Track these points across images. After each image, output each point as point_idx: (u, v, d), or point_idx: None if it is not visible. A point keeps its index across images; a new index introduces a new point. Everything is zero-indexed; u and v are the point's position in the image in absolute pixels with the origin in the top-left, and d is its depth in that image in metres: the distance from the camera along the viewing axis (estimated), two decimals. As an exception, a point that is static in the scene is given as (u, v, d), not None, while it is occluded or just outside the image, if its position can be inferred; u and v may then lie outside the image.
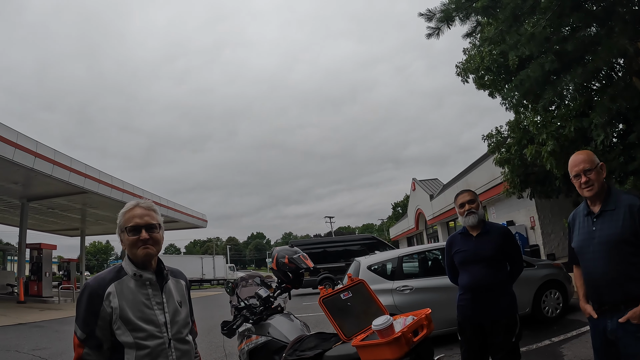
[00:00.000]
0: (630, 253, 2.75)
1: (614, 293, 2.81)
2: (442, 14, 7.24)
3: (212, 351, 8.97)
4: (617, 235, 2.79)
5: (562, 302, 8.39)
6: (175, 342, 2.36)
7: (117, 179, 22.79)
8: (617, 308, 2.78)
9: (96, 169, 21.06)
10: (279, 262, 4.06)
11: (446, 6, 7.25)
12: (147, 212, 2.41)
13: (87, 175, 20.19)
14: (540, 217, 17.87)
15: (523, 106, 11.88)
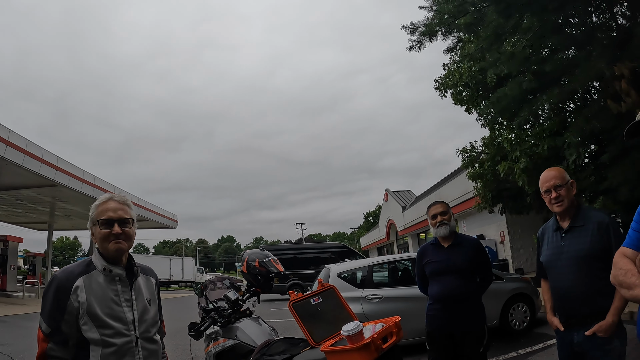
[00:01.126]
0: (598, 268, 2.80)
1: (581, 307, 2.87)
2: (425, 28, 7.31)
3: (178, 353, 8.83)
4: (586, 251, 2.85)
5: (529, 316, 8.53)
6: (143, 341, 2.30)
7: (88, 174, 22.38)
8: (584, 321, 2.84)
9: (68, 162, 20.61)
10: (250, 265, 3.99)
11: (429, 21, 7.33)
12: (121, 206, 2.35)
13: (58, 168, 19.72)
14: (510, 232, 18.16)
15: (498, 123, 12.10)
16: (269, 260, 4.02)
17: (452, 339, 3.81)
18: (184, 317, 4.33)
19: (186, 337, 3.80)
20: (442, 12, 7.12)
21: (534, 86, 7.38)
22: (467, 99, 13.10)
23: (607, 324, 2.74)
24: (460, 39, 8.60)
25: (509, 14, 6.67)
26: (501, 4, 6.33)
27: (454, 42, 8.30)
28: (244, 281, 4.24)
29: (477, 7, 6.90)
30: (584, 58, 6.71)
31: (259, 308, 4.46)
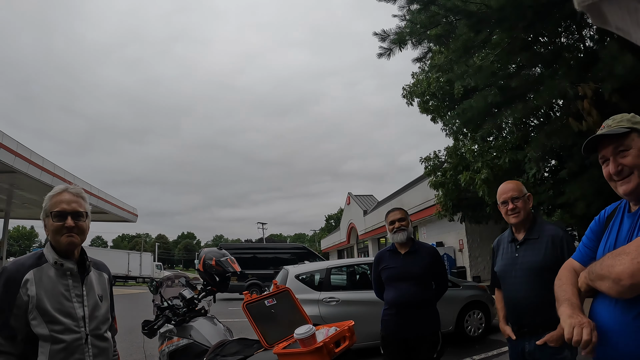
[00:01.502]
0: (550, 280, 2.86)
1: (533, 316, 2.96)
2: (396, 36, 7.37)
3: (132, 352, 8.69)
4: (539, 263, 2.94)
5: (484, 323, 8.71)
6: (93, 338, 2.24)
7: (48, 162, 21.67)
8: (536, 331, 2.92)
9: (28, 149, 19.90)
10: (206, 264, 3.95)
11: (401, 29, 7.41)
12: (76, 199, 2.29)
13: (17, 154, 18.97)
14: (469, 241, 18.47)
15: (463, 134, 12.31)
16: (226, 260, 3.99)
17: (406, 344, 3.86)
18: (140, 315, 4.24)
19: (141, 335, 3.71)
20: (414, 22, 7.21)
21: (499, 100, 7.53)
22: (433, 109, 13.27)
23: (558, 334, 2.82)
24: (430, 50, 8.73)
25: (480, 29, 6.81)
26: (472, 19, 6.45)
27: (424, 52, 8.40)
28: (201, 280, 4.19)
29: (448, 20, 7.01)
30: (550, 76, 6.88)
31: (217, 307, 4.40)
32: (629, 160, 1.77)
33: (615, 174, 1.81)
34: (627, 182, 1.79)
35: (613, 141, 1.82)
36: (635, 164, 1.76)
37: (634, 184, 1.76)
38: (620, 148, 1.80)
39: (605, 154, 1.85)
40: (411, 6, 7.22)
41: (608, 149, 1.83)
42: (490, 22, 6.40)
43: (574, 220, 9.09)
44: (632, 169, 1.77)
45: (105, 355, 2.32)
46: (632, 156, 1.78)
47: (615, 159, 1.81)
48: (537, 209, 10.01)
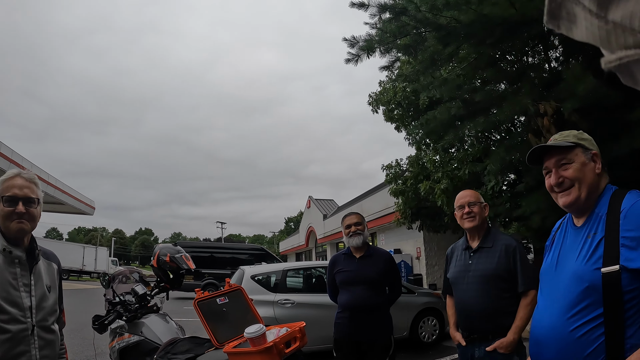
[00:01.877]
0: (501, 288, 3.00)
1: (484, 323, 3.03)
2: (365, 43, 7.41)
3: (84, 348, 8.49)
4: (492, 271, 3.02)
5: (438, 329, 8.86)
6: (40, 330, 2.18)
7: (5, 146, 20.92)
8: (486, 337, 3.01)
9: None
10: (160, 260, 3.90)
11: (371, 37, 7.47)
12: (28, 185, 2.24)
13: (-27, 137, 18.42)
14: (427, 249, 18.72)
15: (425, 144, 12.47)
16: (181, 257, 3.95)
17: (358, 348, 3.90)
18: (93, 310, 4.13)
19: (92, 331, 3.63)
20: (384, 31, 7.28)
21: (462, 113, 7.65)
22: (398, 118, 13.41)
23: (508, 341, 2.93)
24: (398, 59, 8.82)
25: (448, 42, 6.91)
26: (441, 31, 6.55)
27: (392, 61, 8.47)
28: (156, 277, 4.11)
29: (418, 31, 7.10)
30: (513, 93, 7.04)
31: (171, 305, 4.35)
32: (570, 173, 1.85)
33: (556, 186, 1.89)
34: (567, 195, 1.86)
35: (557, 153, 1.90)
36: (577, 177, 1.83)
37: (574, 197, 1.84)
38: (563, 161, 1.88)
39: (548, 165, 1.93)
40: (382, 15, 7.27)
41: (552, 161, 1.91)
42: (459, 36, 6.52)
43: (530, 233, 9.33)
44: (573, 182, 1.84)
45: (52, 348, 2.27)
46: (573, 169, 1.85)
47: (558, 171, 1.89)
48: (494, 220, 10.24)
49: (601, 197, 1.83)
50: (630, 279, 1.57)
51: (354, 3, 6.92)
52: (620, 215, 1.67)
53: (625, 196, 1.74)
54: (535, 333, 1.91)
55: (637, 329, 1.57)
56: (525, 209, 7.77)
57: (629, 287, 1.57)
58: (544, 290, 1.96)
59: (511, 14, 5.87)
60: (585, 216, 1.86)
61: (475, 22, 6.06)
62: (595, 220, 1.78)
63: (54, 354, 2.29)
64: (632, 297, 1.57)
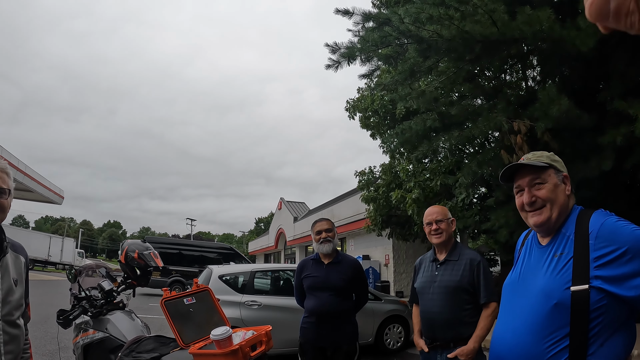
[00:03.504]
0: (464, 300, 3.13)
1: (446, 332, 3.14)
2: (346, 50, 7.46)
3: (47, 342, 8.34)
4: (456, 283, 3.14)
5: (403, 337, 8.93)
6: (5, 324, 2.11)
7: (-25, 128, 20.48)
8: (447, 345, 3.12)
9: None
10: (128, 256, 3.84)
11: (353, 44, 7.53)
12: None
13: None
14: (395, 257, 18.82)
15: (399, 153, 12.61)
16: (149, 253, 3.90)
17: (323, 353, 3.93)
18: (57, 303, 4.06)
19: (56, 325, 3.56)
20: (366, 39, 7.35)
21: (437, 125, 7.76)
22: (374, 125, 13.53)
23: (469, 349, 3.03)
24: (378, 68, 8.92)
25: (428, 55, 7.03)
26: (422, 44, 6.65)
27: (372, 69, 8.55)
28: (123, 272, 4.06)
29: (400, 42, 7.19)
30: (488, 109, 7.19)
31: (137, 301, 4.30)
32: (543, 193, 1.89)
33: (528, 205, 1.92)
34: (538, 214, 1.90)
35: (531, 173, 1.93)
36: (549, 197, 1.88)
37: (545, 217, 1.88)
38: (537, 181, 1.92)
39: (521, 184, 1.97)
40: (366, 23, 7.36)
41: (525, 180, 1.95)
42: (440, 50, 6.62)
43: (497, 246, 9.53)
44: (545, 202, 1.88)
45: (16, 343, 2.20)
46: (547, 190, 1.90)
47: (530, 190, 1.92)
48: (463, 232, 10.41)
49: (568, 217, 1.88)
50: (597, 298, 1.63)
51: (339, 10, 6.99)
52: (590, 236, 1.72)
53: (592, 217, 1.79)
54: (497, 349, 1.95)
55: (599, 346, 1.63)
56: (494, 222, 7.92)
57: (595, 305, 1.63)
58: (505, 305, 2.01)
59: (492, 32, 5.99)
60: (551, 235, 1.91)
61: (457, 37, 6.17)
62: (562, 240, 1.83)
63: (18, 349, 2.23)
64: (597, 315, 1.63)
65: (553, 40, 5.93)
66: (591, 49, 5.54)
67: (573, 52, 5.85)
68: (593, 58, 6.40)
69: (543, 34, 5.88)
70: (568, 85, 7.31)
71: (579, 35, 5.49)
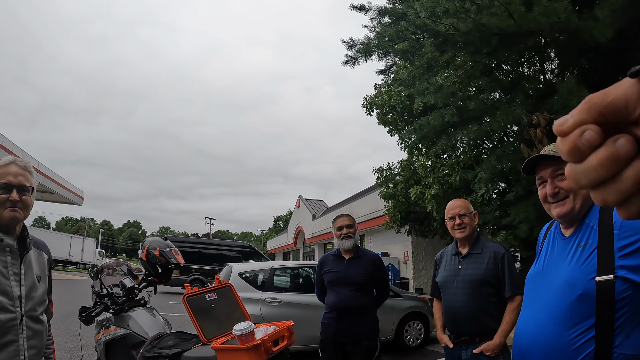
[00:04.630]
0: (489, 293, 3.09)
1: (471, 326, 3.11)
2: (363, 46, 7.43)
3: (68, 339, 8.44)
4: (480, 276, 3.10)
5: (423, 333, 8.90)
6: (28, 320, 2.14)
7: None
8: (473, 340, 3.09)
9: None
10: (149, 254, 3.89)
11: (369, 40, 7.50)
12: (23, 172, 2.20)
13: (-37, 120, 18.12)
14: (414, 253, 18.71)
15: (417, 149, 12.53)
16: (170, 251, 3.94)
17: (343, 349, 3.92)
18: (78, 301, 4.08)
19: (77, 322, 3.58)
20: (382, 35, 7.31)
21: (455, 120, 7.70)
22: (391, 121, 13.46)
23: (494, 344, 3.00)
24: (395, 63, 8.87)
25: (445, 49, 6.97)
26: (439, 38, 6.60)
27: (389, 65, 8.50)
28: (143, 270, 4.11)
29: (416, 37, 7.15)
30: (507, 102, 7.11)
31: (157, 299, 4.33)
32: (566, 184, 1.85)
33: (551, 196, 1.89)
34: (561, 205, 1.87)
35: (553, 164, 1.90)
36: (572, 188, 1.83)
37: (568, 208, 1.85)
38: (559, 171, 1.88)
39: (543, 175, 1.94)
40: (382, 19, 7.32)
41: (547, 171, 1.92)
42: (456, 44, 6.57)
43: (517, 242, 9.42)
44: (568, 193, 1.85)
45: (40, 338, 2.23)
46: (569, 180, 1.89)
47: (553, 181, 1.89)
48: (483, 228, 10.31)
49: (591, 207, 1.85)
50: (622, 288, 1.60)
51: (355, 6, 6.96)
52: (614, 226, 1.69)
53: None
54: (520, 342, 1.93)
55: (624, 337, 1.59)
56: (514, 217, 7.84)
57: (620, 295, 1.60)
58: (529, 297, 1.98)
59: (509, 24, 5.93)
60: (574, 226, 1.88)
61: (473, 31, 6.12)
62: (586, 230, 1.80)
63: (41, 344, 2.26)
64: (622, 305, 1.59)
65: (570, 31, 5.85)
66: (609, 39, 5.45)
67: (591, 43, 5.77)
68: (611, 49, 6.29)
69: (560, 25, 5.80)
70: (587, 76, 7.20)
71: (597, 26, 5.41)
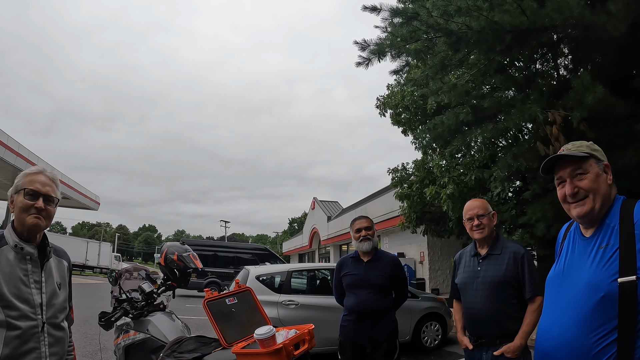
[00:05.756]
0: (509, 294, 3.04)
1: (491, 328, 3.06)
2: (376, 47, 7.41)
3: (86, 343, 8.52)
4: (500, 277, 3.06)
5: (441, 334, 8.83)
6: (50, 327, 2.16)
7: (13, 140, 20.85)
8: (493, 342, 3.04)
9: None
10: (168, 258, 3.89)
11: (382, 41, 7.47)
12: (50, 183, 2.26)
13: (-18, 130, 18.42)
14: (430, 254, 18.64)
15: (432, 149, 12.48)
16: (188, 255, 3.95)
17: (363, 351, 3.91)
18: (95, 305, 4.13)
19: (95, 327, 3.63)
20: (395, 35, 7.28)
21: (470, 119, 7.65)
22: (405, 121, 13.41)
23: (515, 345, 2.95)
24: (408, 63, 8.83)
25: (458, 48, 6.93)
26: (452, 37, 6.56)
27: (402, 65, 8.47)
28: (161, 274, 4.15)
29: (429, 36, 7.11)
30: (521, 100, 7.05)
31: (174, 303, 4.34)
32: (585, 184, 1.85)
33: (571, 196, 1.88)
34: (581, 205, 1.86)
35: (572, 164, 1.89)
36: (591, 188, 1.83)
37: (588, 208, 1.83)
38: (578, 171, 1.88)
39: (562, 175, 1.93)
40: (394, 19, 7.29)
41: (566, 171, 1.91)
42: (469, 42, 6.52)
43: (534, 240, 9.32)
44: (587, 193, 1.84)
45: (61, 345, 2.25)
46: (588, 180, 1.85)
47: (572, 181, 1.88)
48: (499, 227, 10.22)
49: (611, 207, 1.84)
50: None
51: (367, 7, 6.95)
52: (636, 226, 1.67)
53: (636, 206, 1.75)
54: (544, 345, 1.91)
55: None
56: (531, 216, 7.77)
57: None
58: (550, 299, 1.97)
59: (522, 21, 5.88)
60: (594, 227, 1.86)
61: (486, 28, 6.08)
62: (607, 231, 1.79)
63: (62, 351, 2.28)
64: None
65: (584, 26, 5.78)
66: (623, 33, 5.39)
67: (605, 37, 5.70)
68: (625, 43, 6.21)
69: (573, 20, 5.74)
70: (602, 72, 7.12)
71: (610, 20, 5.36)
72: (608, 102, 5.70)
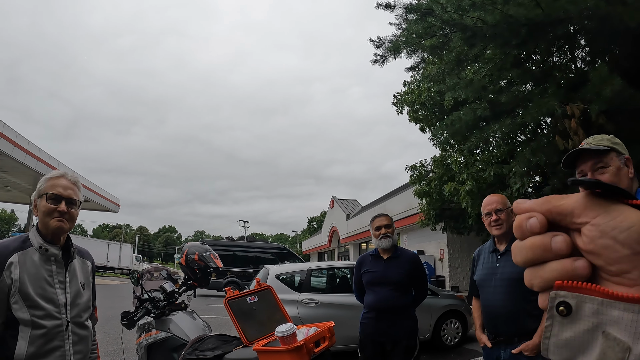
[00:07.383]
0: (528, 291, 2.97)
1: (510, 326, 3.04)
2: (391, 44, 7.39)
3: (108, 343, 8.61)
4: (519, 274, 2.96)
5: (461, 332, 8.81)
6: (74, 326, 2.24)
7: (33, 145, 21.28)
8: (512, 340, 3.02)
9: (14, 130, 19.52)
10: (189, 258, 3.96)
11: (397, 38, 7.44)
12: (72, 186, 2.32)
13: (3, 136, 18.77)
14: (450, 251, 18.56)
15: (450, 145, 12.37)
16: (209, 255, 4.01)
17: (383, 348, 3.92)
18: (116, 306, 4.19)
19: (117, 326, 3.70)
20: (410, 31, 7.25)
21: (488, 114, 7.59)
22: (422, 118, 13.32)
23: (534, 343, 2.92)
24: (424, 60, 8.77)
25: (473, 43, 6.88)
26: (467, 32, 6.51)
27: (418, 61, 8.41)
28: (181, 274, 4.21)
29: (444, 32, 7.07)
30: (539, 94, 6.98)
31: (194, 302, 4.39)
32: (606, 177, 1.84)
33: None
34: None
35: (593, 157, 1.89)
36: (612, 181, 1.81)
37: None
38: (600, 165, 1.87)
39: (584, 169, 1.92)
40: (408, 15, 7.25)
41: (587, 164, 1.90)
42: (485, 37, 6.47)
43: (554, 236, 9.20)
44: None
45: (85, 344, 2.32)
46: (610, 174, 1.84)
47: (594, 174, 1.88)
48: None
49: None
50: None
51: (380, 4, 6.92)
52: None
53: None
54: None
55: None
56: (551, 211, 7.65)
57: None
58: None
59: (537, 14, 5.82)
60: None
61: (501, 22, 6.02)
62: None
63: (86, 350, 2.35)
64: None
65: (600, 17, 5.70)
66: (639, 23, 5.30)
67: (621, 28, 5.61)
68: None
69: (589, 11, 5.66)
70: (619, 63, 7.01)
71: (626, 11, 5.27)
72: (626, 93, 5.60)
